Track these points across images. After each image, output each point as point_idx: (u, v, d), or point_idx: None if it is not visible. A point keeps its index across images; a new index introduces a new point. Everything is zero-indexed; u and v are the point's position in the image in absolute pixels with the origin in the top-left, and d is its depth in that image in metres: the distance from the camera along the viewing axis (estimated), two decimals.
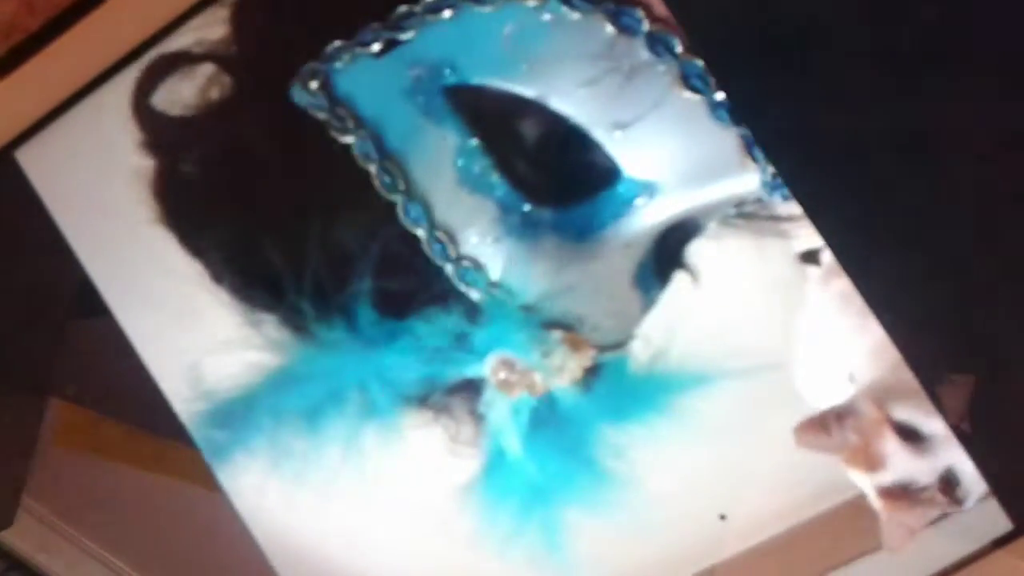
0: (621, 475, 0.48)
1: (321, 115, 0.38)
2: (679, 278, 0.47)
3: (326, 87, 0.39)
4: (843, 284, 0.48)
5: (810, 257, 0.48)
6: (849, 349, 0.46)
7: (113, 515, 0.55)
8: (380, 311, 0.38)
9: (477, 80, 0.38)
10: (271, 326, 0.40)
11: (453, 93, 0.38)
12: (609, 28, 0.38)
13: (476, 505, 0.47)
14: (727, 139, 0.38)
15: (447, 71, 0.38)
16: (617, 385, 0.47)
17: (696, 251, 0.47)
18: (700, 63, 0.38)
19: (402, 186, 0.38)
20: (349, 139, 0.38)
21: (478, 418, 0.44)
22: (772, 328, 0.50)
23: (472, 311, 0.40)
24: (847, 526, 0.48)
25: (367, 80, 0.38)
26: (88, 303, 0.46)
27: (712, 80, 0.38)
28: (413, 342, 0.39)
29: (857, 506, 0.46)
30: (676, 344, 0.47)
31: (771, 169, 0.38)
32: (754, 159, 0.38)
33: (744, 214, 0.47)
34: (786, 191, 0.39)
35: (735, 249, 0.48)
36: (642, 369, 0.47)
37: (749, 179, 0.39)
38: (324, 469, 0.42)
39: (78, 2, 0.43)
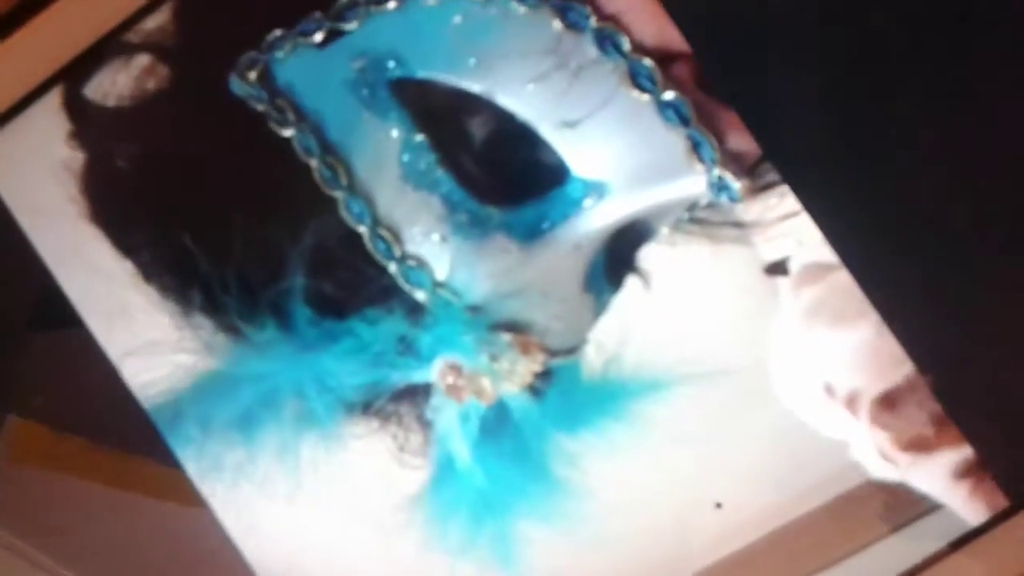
0: (575, 485, 0.47)
1: (260, 107, 0.37)
2: (631, 283, 0.48)
3: (266, 78, 0.38)
4: (814, 293, 0.47)
5: (778, 268, 0.48)
6: (825, 358, 0.46)
7: (75, 533, 0.53)
8: (318, 311, 0.37)
9: (423, 74, 0.37)
10: (203, 328, 0.38)
11: (398, 86, 0.37)
12: (556, 24, 0.37)
13: (425, 516, 0.45)
14: (675, 140, 0.38)
15: (392, 64, 0.37)
16: (570, 392, 0.46)
17: (650, 256, 0.47)
18: (648, 62, 0.37)
19: (344, 181, 0.37)
20: (289, 132, 0.37)
21: (426, 425, 0.43)
22: (727, 334, 0.49)
23: (417, 312, 0.38)
24: (827, 529, 0.47)
25: (309, 71, 0.37)
26: (47, 314, 0.44)
27: (660, 79, 0.37)
28: (354, 344, 0.38)
29: (835, 510, 0.46)
30: (630, 350, 0.46)
31: (717, 171, 0.38)
32: (701, 160, 0.38)
33: (697, 219, 0.47)
34: (732, 192, 0.38)
35: (690, 255, 0.47)
36: (595, 375, 0.46)
37: (696, 181, 0.38)
38: (260, 481, 0.41)
39: None
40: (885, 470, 0.45)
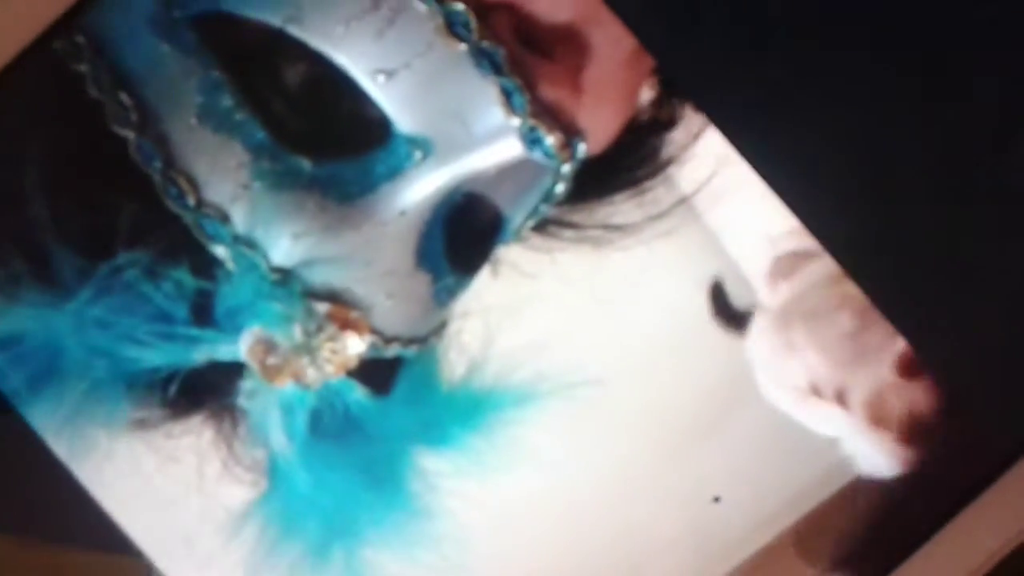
0: (431, 507, 0.42)
1: (56, 44, 0.35)
2: (505, 285, 0.44)
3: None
4: (792, 287, 0.44)
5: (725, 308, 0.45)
6: (806, 356, 0.44)
7: None
8: (77, 248, 0.33)
9: (228, 8, 0.35)
10: None
11: (201, 21, 0.34)
12: None
13: (252, 538, 0.40)
14: (488, 89, 0.35)
15: None
16: (422, 395, 0.41)
17: (524, 262, 0.43)
18: (462, 7, 0.35)
19: (135, 119, 0.35)
20: (82, 67, 0.35)
21: (240, 415, 0.39)
22: (610, 344, 0.45)
23: (214, 272, 0.35)
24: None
25: (112, 4, 0.35)
26: None
27: (476, 27, 0.35)
28: (131, 298, 0.34)
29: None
30: (494, 356, 0.42)
31: (529, 121, 0.36)
32: (514, 110, 0.35)
33: (570, 223, 0.43)
34: (546, 147, 0.36)
35: (570, 262, 0.44)
36: (455, 382, 0.42)
37: (512, 143, 0.36)
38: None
39: None
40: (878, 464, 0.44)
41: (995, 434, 0.40)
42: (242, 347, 0.36)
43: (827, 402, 0.45)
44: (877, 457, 0.44)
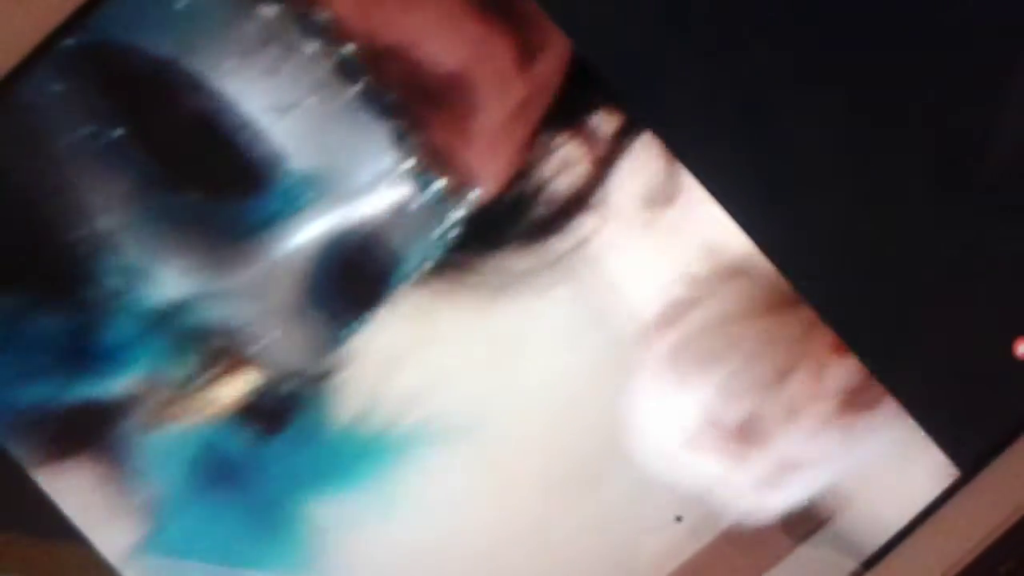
0: (320, 552, 0.41)
1: None
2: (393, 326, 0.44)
3: None
4: (679, 333, 0.45)
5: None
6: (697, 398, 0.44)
7: None
8: None
9: (119, 38, 0.35)
10: None
11: (91, 50, 0.34)
12: (264, 9, 0.36)
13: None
14: (380, 134, 0.36)
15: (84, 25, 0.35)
16: (314, 436, 0.41)
17: (409, 295, 0.44)
18: (352, 49, 0.35)
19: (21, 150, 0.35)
20: None
21: (124, 455, 0.38)
22: (494, 387, 0.45)
23: (98, 307, 0.35)
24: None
25: None
26: None
27: (368, 69, 0.35)
28: (17, 341, 0.33)
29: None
30: (388, 397, 0.42)
31: (421, 165, 0.36)
32: (404, 154, 0.36)
33: (464, 267, 0.44)
34: (436, 188, 0.37)
35: (463, 304, 0.44)
36: (348, 422, 0.42)
37: (403, 185, 0.36)
38: None
39: None
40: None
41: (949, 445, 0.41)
42: (125, 385, 0.36)
43: (722, 441, 0.45)
44: (759, 503, 0.45)
